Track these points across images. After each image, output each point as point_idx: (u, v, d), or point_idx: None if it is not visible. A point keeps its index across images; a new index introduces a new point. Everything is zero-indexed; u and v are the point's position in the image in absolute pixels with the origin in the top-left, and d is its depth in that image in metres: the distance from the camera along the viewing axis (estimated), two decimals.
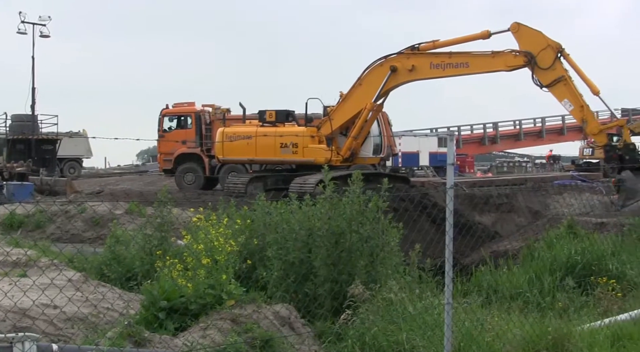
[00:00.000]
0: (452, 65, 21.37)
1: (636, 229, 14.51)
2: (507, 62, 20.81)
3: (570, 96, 20.24)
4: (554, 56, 20.18)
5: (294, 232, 8.74)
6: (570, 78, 20.26)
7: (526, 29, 20.66)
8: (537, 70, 20.32)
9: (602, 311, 9.03)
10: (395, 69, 21.91)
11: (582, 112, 20.39)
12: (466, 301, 7.86)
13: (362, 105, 22.51)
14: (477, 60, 21.33)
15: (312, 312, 8.29)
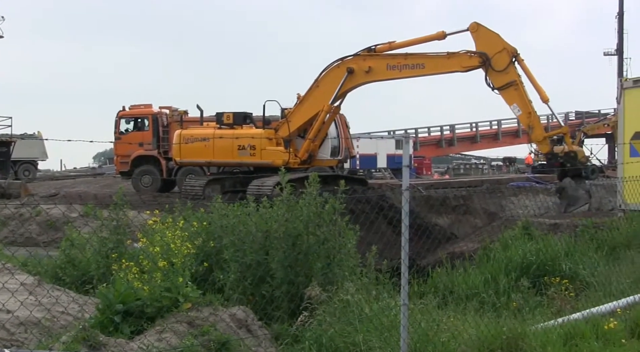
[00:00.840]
0: (408, 67, 21.50)
1: (589, 229, 14.75)
2: (462, 63, 21.02)
3: (519, 101, 20.59)
4: (508, 60, 20.46)
5: (251, 235, 8.72)
6: (521, 83, 20.58)
7: (485, 30, 20.87)
8: (491, 72, 20.56)
9: (556, 311, 9.16)
10: (352, 71, 21.96)
11: (529, 118, 20.83)
12: (422, 302, 7.91)
13: (319, 107, 22.53)
14: (433, 61, 21.45)
15: (269, 314, 8.28)
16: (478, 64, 20.70)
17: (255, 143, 22.85)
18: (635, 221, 13.77)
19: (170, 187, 28.80)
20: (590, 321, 8.01)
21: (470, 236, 20.67)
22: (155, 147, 28.96)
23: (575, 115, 65.05)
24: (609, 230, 14.46)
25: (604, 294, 9.70)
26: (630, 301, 9.00)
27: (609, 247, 13.25)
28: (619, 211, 18.21)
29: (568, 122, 62.90)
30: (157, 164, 28.96)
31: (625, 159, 18.14)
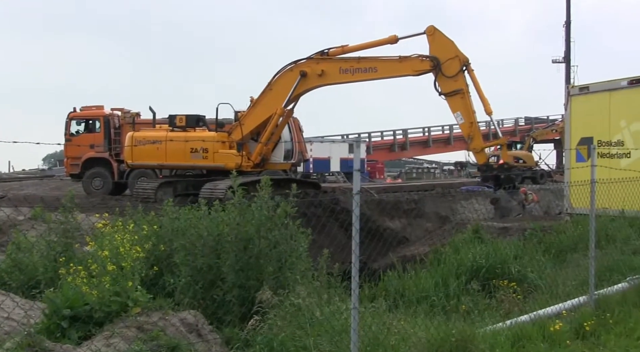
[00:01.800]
0: (360, 70, 21.57)
1: (537, 233, 15.02)
2: (414, 67, 21.15)
3: (463, 110, 20.78)
4: (459, 67, 20.68)
5: (202, 238, 8.66)
6: (468, 93, 20.79)
7: (440, 35, 21.06)
8: (441, 77, 20.76)
9: (504, 313, 9.31)
10: (305, 74, 22.00)
11: (471, 128, 20.98)
12: (373, 305, 7.96)
13: (272, 110, 22.49)
14: (385, 64, 21.54)
15: (220, 318, 8.22)
16: (429, 68, 20.84)
17: (207, 146, 22.72)
18: (581, 224, 14.04)
19: (122, 190, 28.48)
20: (537, 322, 8.15)
21: (422, 239, 20.90)
22: (107, 150, 28.61)
23: (524, 121, 66.10)
24: (556, 233, 14.77)
25: (550, 296, 9.88)
26: (576, 303, 9.19)
27: (556, 250, 13.53)
28: (566, 214, 18.57)
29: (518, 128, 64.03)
30: (108, 166, 28.61)
31: (571, 164, 18.52)
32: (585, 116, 19.12)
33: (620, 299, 9.34)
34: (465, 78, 20.85)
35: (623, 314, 8.73)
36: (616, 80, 18.49)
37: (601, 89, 18.90)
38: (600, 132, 18.48)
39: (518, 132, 62.47)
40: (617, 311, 8.80)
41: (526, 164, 48.01)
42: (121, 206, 10.92)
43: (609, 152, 18.04)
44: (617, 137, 18.16)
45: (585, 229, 12.71)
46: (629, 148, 17.65)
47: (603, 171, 13.10)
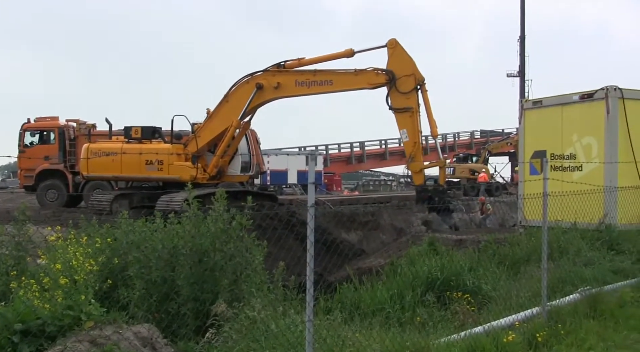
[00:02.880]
0: (316, 83, 21.54)
1: (491, 245, 15.17)
2: (370, 80, 21.13)
3: (410, 128, 20.81)
4: (413, 86, 20.72)
5: (157, 251, 8.59)
6: (418, 113, 20.82)
7: (401, 50, 21.07)
8: (394, 91, 20.77)
9: (459, 325, 9.37)
10: (261, 87, 21.90)
11: (414, 147, 21.00)
12: (328, 318, 7.97)
13: (228, 122, 22.38)
14: (341, 78, 21.51)
15: (175, 331, 8.16)
16: (384, 81, 20.86)
17: (163, 158, 22.54)
18: (534, 236, 14.23)
19: (77, 202, 28.11)
20: (491, 334, 8.23)
21: (378, 251, 20.98)
22: (62, 161, 28.25)
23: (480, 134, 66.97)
24: (511, 245, 14.92)
25: (504, 307, 9.99)
26: (528, 314, 9.31)
27: (510, 262, 13.65)
28: (520, 227, 18.83)
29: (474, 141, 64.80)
30: (63, 178, 28.24)
31: (525, 177, 18.80)
32: (539, 130, 19.45)
33: (572, 310, 9.49)
34: (418, 97, 20.86)
35: (574, 325, 8.88)
36: (568, 94, 18.85)
37: (554, 103, 19.24)
38: (553, 146, 18.81)
39: (474, 145, 63.27)
40: (569, 321, 8.95)
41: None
42: (75, 218, 10.75)
43: (561, 165, 18.36)
44: (570, 150, 18.50)
45: (538, 241, 12.92)
46: (581, 161, 17.98)
47: (556, 184, 13.34)
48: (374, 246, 23.85)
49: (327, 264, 15.30)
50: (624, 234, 15.31)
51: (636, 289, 11.25)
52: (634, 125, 17.45)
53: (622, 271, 12.60)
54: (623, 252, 14.18)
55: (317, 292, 10.21)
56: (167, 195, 21.33)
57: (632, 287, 11.32)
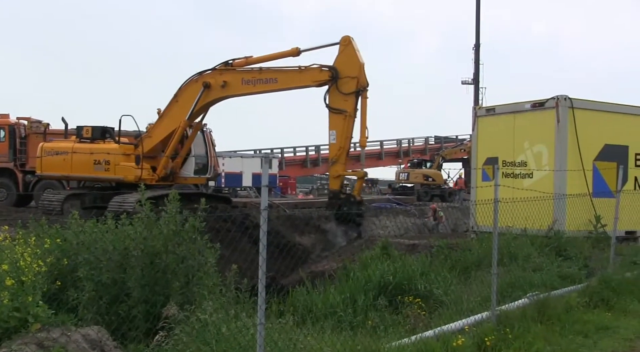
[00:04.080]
0: (262, 81, 21.25)
1: (443, 250, 15.32)
2: (314, 77, 20.74)
3: (340, 131, 20.32)
4: (354, 89, 20.22)
5: (108, 253, 8.50)
6: (352, 118, 20.34)
7: (352, 50, 20.53)
8: (334, 90, 20.30)
9: (410, 329, 9.45)
10: (209, 85, 21.69)
11: (339, 151, 20.52)
12: (280, 322, 7.96)
13: (178, 122, 22.19)
14: (286, 75, 21.23)
15: (125, 334, 8.07)
16: (328, 78, 20.40)
17: (109, 158, 22.36)
18: (485, 242, 14.42)
19: (27, 201, 27.66)
20: (441, 338, 8.32)
21: (332, 255, 20.97)
22: (12, 160, 27.81)
23: (434, 140, 67.60)
24: (462, 251, 15.10)
25: (455, 312, 10.11)
26: (478, 318, 9.44)
27: (461, 267, 13.83)
28: (472, 232, 19.07)
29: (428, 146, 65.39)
30: (13, 176, 27.77)
31: (477, 183, 19.04)
32: (491, 137, 19.73)
33: (520, 314, 9.64)
34: (356, 103, 20.39)
35: (522, 329, 9.02)
36: (520, 102, 19.16)
37: (506, 111, 19.55)
38: (505, 153, 19.10)
39: (428, 150, 63.84)
40: (517, 326, 9.09)
41: (435, 182, 49.19)
42: (24, 218, 10.57)
43: (512, 172, 18.65)
44: (521, 157, 18.81)
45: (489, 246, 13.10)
46: (532, 169, 18.29)
47: (507, 191, 13.54)
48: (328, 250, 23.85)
49: (280, 267, 15.30)
50: (571, 241, 15.62)
51: (582, 294, 11.48)
52: (583, 134, 17.83)
53: (570, 277, 12.85)
54: (570, 258, 14.48)
55: (270, 295, 10.20)
56: (120, 196, 21.12)
57: (579, 293, 11.56)
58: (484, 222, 14.73)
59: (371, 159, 61.11)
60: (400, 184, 51.15)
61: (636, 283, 12.50)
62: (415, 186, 48.97)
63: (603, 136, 18.51)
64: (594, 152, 18.25)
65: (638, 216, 17.51)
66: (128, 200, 20.35)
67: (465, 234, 21.10)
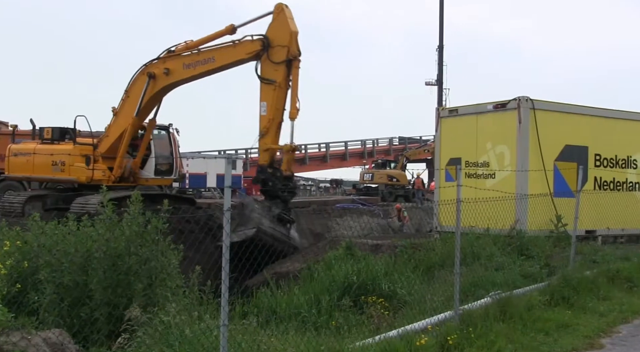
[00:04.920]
0: (201, 63, 20.97)
1: (407, 250, 15.41)
2: (247, 49, 20.25)
3: (270, 102, 19.70)
4: (284, 58, 19.66)
5: (69, 255, 8.41)
6: (283, 89, 19.73)
7: (284, 18, 19.89)
8: (265, 60, 19.84)
9: (374, 329, 9.50)
10: (153, 75, 21.50)
11: (269, 123, 19.83)
12: (244, 323, 7.95)
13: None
14: (221, 52, 20.84)
15: (87, 337, 8.00)
16: (259, 48, 19.89)
17: (65, 159, 22.23)
18: (449, 241, 14.52)
19: None
20: (405, 337, 8.37)
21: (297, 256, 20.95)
22: None
23: (399, 141, 67.99)
24: (426, 250, 15.20)
25: (418, 311, 10.18)
26: (441, 317, 9.52)
27: (425, 266, 13.92)
28: (436, 232, 19.19)
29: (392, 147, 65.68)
30: None
31: (441, 184, 19.19)
32: (454, 138, 19.89)
33: (483, 313, 9.74)
34: (288, 73, 19.74)
35: (485, 328, 9.11)
36: (483, 104, 19.35)
37: (469, 112, 19.73)
38: (468, 153, 19.27)
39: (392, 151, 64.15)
40: (480, 325, 9.18)
41: (399, 182, 49.44)
42: None
43: (475, 173, 18.82)
44: (484, 158, 18.99)
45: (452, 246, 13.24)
46: (494, 169, 18.48)
47: (470, 191, 13.66)
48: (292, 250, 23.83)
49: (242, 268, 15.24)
50: (533, 240, 15.81)
51: (543, 292, 11.64)
52: (544, 135, 18.07)
53: (531, 275, 13.03)
54: (532, 257, 14.66)
55: (234, 296, 10.17)
56: (83, 197, 20.92)
57: (540, 291, 11.71)
58: (447, 222, 14.81)
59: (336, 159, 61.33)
60: (364, 185, 51.30)
61: (595, 281, 12.71)
62: (379, 187, 49.17)
63: (564, 137, 18.78)
64: (554, 153, 18.50)
65: (597, 215, 17.81)
66: (90, 201, 20.15)
67: (429, 234, 21.22)
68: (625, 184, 20.21)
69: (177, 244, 9.07)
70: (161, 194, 23.30)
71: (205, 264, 9.84)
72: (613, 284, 13.09)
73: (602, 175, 19.57)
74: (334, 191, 57.18)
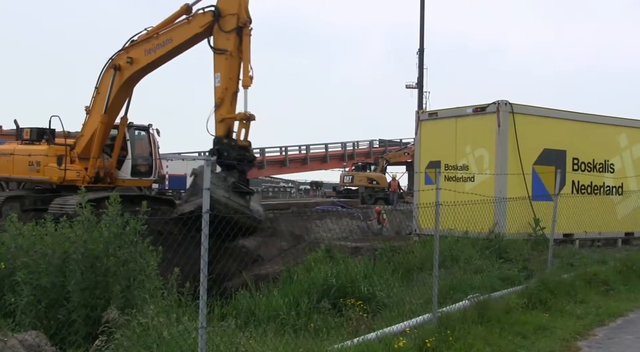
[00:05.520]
0: (160, 46, 20.87)
1: (386, 253, 15.45)
2: (199, 22, 20.06)
3: (224, 73, 19.40)
4: (234, 26, 19.41)
5: (47, 256, 8.35)
6: (235, 57, 19.42)
7: None
8: (217, 30, 19.66)
9: (353, 331, 9.52)
10: (118, 67, 21.48)
11: (223, 93, 19.40)
12: (222, 325, 7.93)
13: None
14: (178, 31, 20.70)
15: (65, 339, 7.96)
16: (211, 19, 19.67)
17: (40, 159, 22.15)
18: (428, 244, 14.56)
19: None
20: (383, 340, 8.39)
21: (276, 258, 20.94)
22: None
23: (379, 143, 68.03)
24: (405, 253, 15.24)
25: (397, 314, 10.21)
26: (420, 320, 9.54)
27: (404, 269, 13.97)
28: (415, 235, 19.27)
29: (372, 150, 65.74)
30: None
31: (420, 187, 19.25)
32: (434, 141, 19.99)
33: (461, 316, 9.78)
34: (239, 41, 19.44)
35: (463, 331, 9.14)
36: (462, 107, 19.45)
37: (448, 115, 19.83)
38: (447, 157, 19.37)
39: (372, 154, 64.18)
40: (458, 327, 9.21)
41: (379, 185, 49.48)
42: None
43: (455, 176, 18.92)
44: (463, 161, 19.09)
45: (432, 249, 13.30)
46: (473, 172, 18.58)
47: (449, 194, 13.73)
48: (272, 253, 23.76)
49: (222, 270, 15.22)
50: (511, 243, 15.92)
51: (521, 295, 11.71)
52: (523, 139, 18.20)
53: (509, 279, 13.10)
54: (510, 261, 14.76)
55: (213, 298, 10.16)
56: (61, 198, 20.81)
57: (518, 294, 11.78)
58: (427, 225, 14.88)
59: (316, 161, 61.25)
60: (344, 187, 51.31)
61: (573, 285, 12.81)
62: (359, 189, 49.20)
63: (542, 141, 18.92)
64: (533, 157, 18.63)
65: (575, 218, 17.95)
66: (69, 202, 20.04)
67: (408, 237, 21.29)
68: (603, 188, 20.40)
69: (156, 246, 9.04)
70: (140, 195, 23.18)
71: (184, 266, 9.80)
72: (590, 287, 13.21)
73: (580, 179, 19.75)
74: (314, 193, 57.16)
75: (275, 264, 18.51)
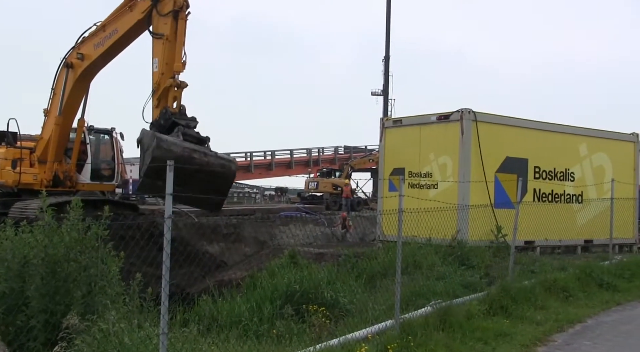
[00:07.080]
0: (108, 38, 20.57)
1: (350, 259, 15.50)
2: (140, 8, 19.59)
3: (160, 57, 18.83)
4: (170, 9, 18.73)
5: (6, 261, 8.22)
6: (173, 42, 18.73)
7: None
8: (155, 14, 19.12)
9: (315, 337, 9.52)
10: (71, 65, 21.29)
11: (160, 78, 18.59)
12: (184, 331, 7.89)
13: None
14: (122, 21, 20.28)
15: (23, 345, 7.84)
16: (150, 3, 19.14)
17: None
18: (391, 251, 14.64)
19: None
20: (346, 346, 8.43)
21: (240, 263, 20.91)
22: None
23: (344, 150, 68.20)
24: (369, 259, 15.31)
25: (360, 320, 10.25)
26: (382, 326, 9.60)
27: (367, 275, 14.02)
28: (379, 241, 19.36)
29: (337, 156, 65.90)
30: None
31: (384, 193, 19.38)
32: (398, 148, 20.13)
33: (423, 322, 9.85)
34: (175, 25, 18.77)
35: (425, 337, 9.22)
36: (426, 115, 19.63)
37: (413, 122, 19.99)
38: (411, 164, 19.52)
39: (337, 160, 64.30)
40: (420, 334, 9.28)
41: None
42: None
43: (418, 183, 19.06)
44: (427, 169, 19.26)
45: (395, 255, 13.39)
46: (437, 180, 18.75)
47: (413, 201, 13.85)
48: (236, 258, 23.74)
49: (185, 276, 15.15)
50: (474, 250, 16.08)
51: (483, 302, 11.83)
52: (486, 147, 18.41)
53: (471, 285, 13.24)
54: (473, 267, 14.91)
55: (175, 304, 10.09)
56: (22, 202, 20.52)
57: (479, 301, 11.90)
58: (391, 231, 14.96)
59: (281, 167, 61.22)
60: (309, 193, 51.32)
61: (533, 291, 12.98)
62: (324, 195, 49.24)
63: (505, 149, 19.17)
64: (495, 164, 18.86)
65: (536, 226, 18.19)
66: (30, 206, 19.75)
67: (372, 243, 21.39)
68: (563, 196, 20.72)
69: (119, 251, 8.95)
70: (103, 199, 22.94)
71: (146, 271, 9.71)
72: (550, 293, 13.39)
73: (541, 187, 20.03)
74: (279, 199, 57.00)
75: (239, 269, 18.49)
